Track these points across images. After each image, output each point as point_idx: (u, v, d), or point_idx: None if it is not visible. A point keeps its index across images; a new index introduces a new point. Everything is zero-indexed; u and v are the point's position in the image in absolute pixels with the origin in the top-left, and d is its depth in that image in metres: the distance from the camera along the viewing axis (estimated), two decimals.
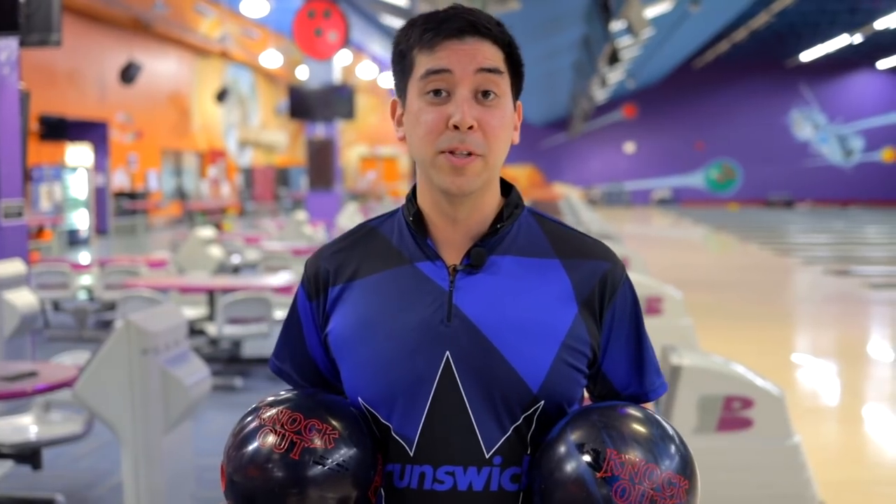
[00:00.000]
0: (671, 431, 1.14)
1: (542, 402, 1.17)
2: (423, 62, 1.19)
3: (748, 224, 23.47)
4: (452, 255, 1.22)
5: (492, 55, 1.19)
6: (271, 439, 1.13)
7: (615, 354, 1.25)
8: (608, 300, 1.23)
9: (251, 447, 1.13)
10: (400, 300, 1.21)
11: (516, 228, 1.25)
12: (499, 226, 1.23)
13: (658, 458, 1.09)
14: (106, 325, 7.94)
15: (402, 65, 1.23)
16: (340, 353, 1.24)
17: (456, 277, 1.20)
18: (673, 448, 1.12)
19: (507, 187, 1.28)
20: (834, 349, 8.18)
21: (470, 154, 1.17)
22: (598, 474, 1.08)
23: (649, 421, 1.14)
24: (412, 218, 1.24)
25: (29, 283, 5.86)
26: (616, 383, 1.26)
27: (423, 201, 1.24)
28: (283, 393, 1.22)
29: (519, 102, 1.26)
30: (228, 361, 6.71)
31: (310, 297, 1.28)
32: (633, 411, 1.16)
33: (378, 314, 1.21)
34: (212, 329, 6.33)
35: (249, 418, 1.17)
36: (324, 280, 1.27)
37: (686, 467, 1.11)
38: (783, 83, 33.55)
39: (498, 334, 1.17)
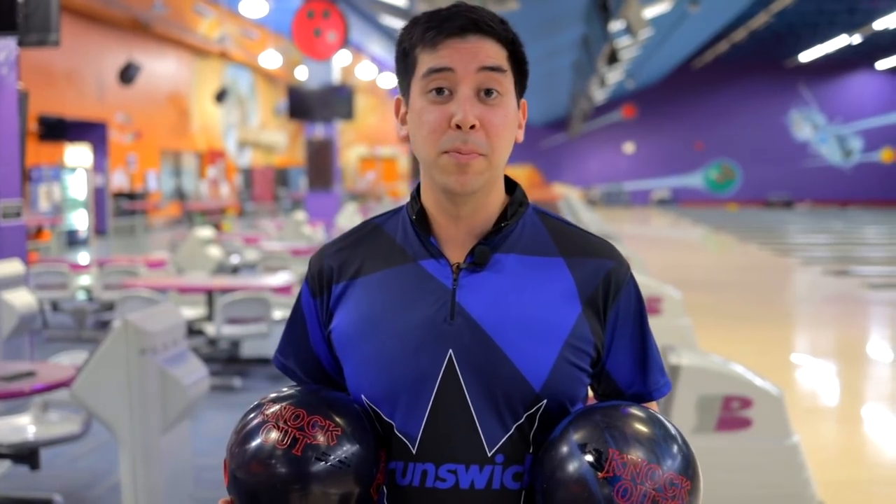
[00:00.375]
0: (674, 431, 1.14)
1: (545, 400, 1.17)
2: (426, 60, 1.18)
3: (747, 224, 23.48)
4: (456, 253, 1.22)
5: (494, 53, 1.18)
6: (274, 435, 1.13)
7: (619, 353, 1.24)
8: (612, 299, 1.22)
9: (254, 443, 1.13)
10: (403, 298, 1.21)
11: (520, 227, 1.24)
12: (503, 224, 1.22)
13: (660, 459, 1.09)
14: (105, 326, 7.93)
15: (405, 63, 1.22)
16: (344, 351, 1.24)
17: (459, 276, 1.20)
18: (675, 448, 1.11)
19: (511, 185, 1.28)
20: (833, 349, 8.18)
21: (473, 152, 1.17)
22: (600, 474, 1.07)
23: (652, 421, 1.14)
24: (415, 216, 1.24)
25: (27, 284, 5.86)
26: (620, 382, 1.26)
27: (427, 199, 1.24)
28: (286, 389, 1.22)
29: (523, 101, 1.26)
30: (227, 361, 6.71)
31: (313, 293, 1.28)
32: (635, 411, 1.16)
33: (381, 312, 1.21)
34: (210, 329, 6.32)
35: (252, 414, 1.17)
36: (327, 277, 1.27)
37: (688, 468, 1.11)
38: (782, 83, 33.55)
39: (501, 333, 1.17)
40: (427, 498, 1.17)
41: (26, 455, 3.70)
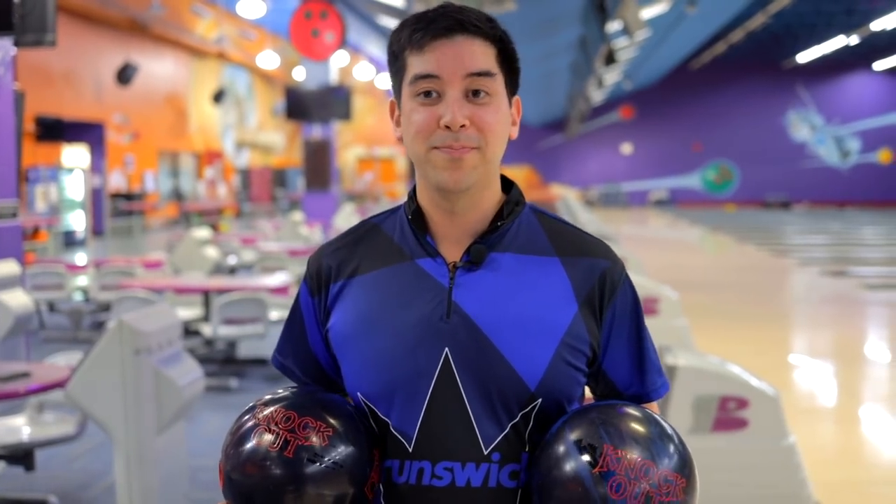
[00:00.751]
0: (670, 431, 1.14)
1: (540, 399, 1.17)
2: (414, 64, 1.18)
3: (745, 225, 23.50)
4: (452, 251, 1.22)
5: (482, 54, 1.18)
6: (266, 438, 1.14)
7: (616, 354, 1.24)
8: (608, 299, 1.22)
9: (248, 445, 1.14)
10: (400, 297, 1.21)
11: (517, 226, 1.24)
12: (499, 223, 1.22)
13: (656, 457, 1.09)
14: (101, 326, 7.92)
15: (395, 66, 1.23)
16: (341, 349, 1.24)
17: (456, 274, 1.20)
18: (671, 447, 1.11)
19: (508, 184, 1.28)
20: (830, 350, 8.18)
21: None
22: (595, 469, 1.07)
23: (648, 419, 1.14)
24: (411, 215, 1.24)
25: (24, 284, 5.85)
26: (618, 383, 1.26)
27: (423, 198, 1.24)
28: (280, 391, 1.23)
29: (517, 98, 1.25)
30: (224, 362, 6.70)
31: (312, 293, 1.28)
32: (631, 410, 1.16)
33: (378, 310, 1.21)
34: (207, 330, 6.31)
35: (246, 417, 1.18)
36: (325, 276, 1.27)
37: (684, 466, 1.11)
38: (780, 84, 33.58)
39: (496, 331, 1.17)
40: (423, 496, 1.17)
41: (21, 456, 3.69)
